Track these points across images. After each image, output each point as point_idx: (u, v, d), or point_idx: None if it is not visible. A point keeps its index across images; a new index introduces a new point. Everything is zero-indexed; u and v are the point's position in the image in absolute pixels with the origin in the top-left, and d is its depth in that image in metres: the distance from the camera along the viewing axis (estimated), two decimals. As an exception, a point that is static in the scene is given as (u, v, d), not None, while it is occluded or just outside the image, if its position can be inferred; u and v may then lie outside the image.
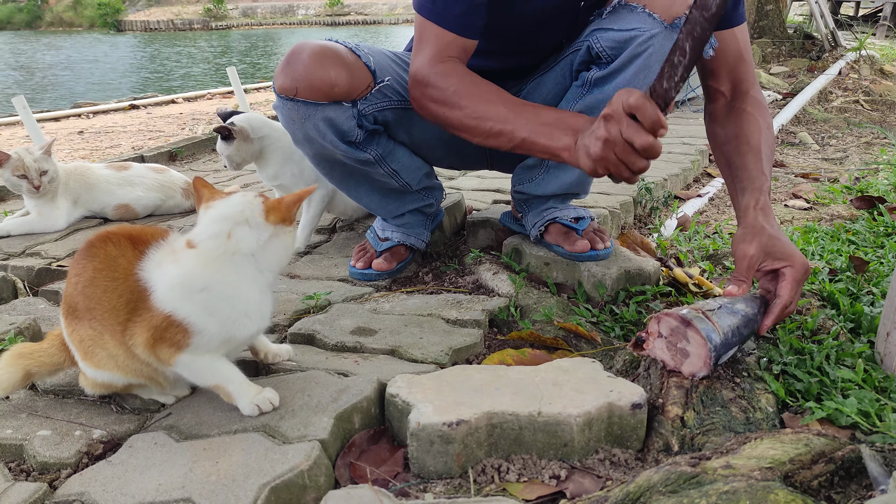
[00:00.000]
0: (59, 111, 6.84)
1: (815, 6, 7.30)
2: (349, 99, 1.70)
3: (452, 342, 1.54)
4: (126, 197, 2.75)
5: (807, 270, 1.43)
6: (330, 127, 1.71)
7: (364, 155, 1.80)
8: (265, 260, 1.24)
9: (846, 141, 4.12)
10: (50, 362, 1.33)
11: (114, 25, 41.87)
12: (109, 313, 1.21)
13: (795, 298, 1.42)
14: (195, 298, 1.18)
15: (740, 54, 1.71)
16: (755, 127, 1.64)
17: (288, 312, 1.75)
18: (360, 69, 1.71)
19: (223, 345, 1.23)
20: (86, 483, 1.11)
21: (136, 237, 1.24)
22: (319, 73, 1.65)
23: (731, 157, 1.64)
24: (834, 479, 1.04)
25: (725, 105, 1.72)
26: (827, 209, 2.62)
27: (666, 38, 1.60)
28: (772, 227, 1.47)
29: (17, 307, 1.84)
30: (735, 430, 1.19)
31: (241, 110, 2.38)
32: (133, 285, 1.20)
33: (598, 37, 1.66)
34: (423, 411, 1.16)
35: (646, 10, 1.60)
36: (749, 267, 1.44)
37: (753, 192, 1.54)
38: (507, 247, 2.00)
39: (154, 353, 1.20)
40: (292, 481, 1.07)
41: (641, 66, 1.62)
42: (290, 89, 1.67)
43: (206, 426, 1.23)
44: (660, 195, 2.75)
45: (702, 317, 1.27)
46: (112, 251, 1.22)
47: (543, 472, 1.14)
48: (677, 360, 1.29)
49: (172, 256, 1.21)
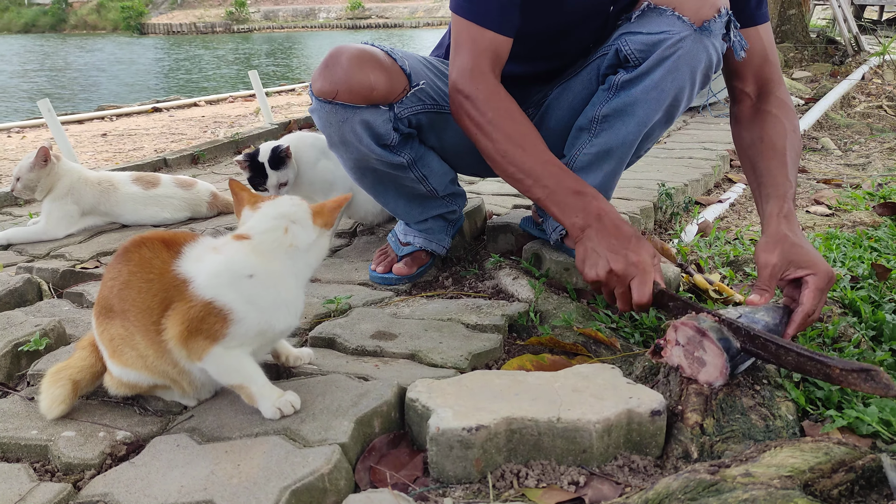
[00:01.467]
0: (83, 114, 6.91)
1: (838, 11, 7.24)
2: (386, 102, 1.72)
3: (472, 347, 1.55)
4: (153, 219, 2.74)
5: (831, 278, 1.41)
6: (367, 130, 1.72)
7: (398, 158, 1.81)
8: (306, 259, 1.30)
9: (869, 147, 4.08)
10: (86, 366, 1.35)
11: (137, 28, 42.23)
12: (143, 313, 1.24)
13: (819, 307, 1.40)
14: (241, 285, 1.22)
15: (765, 54, 1.71)
16: (780, 130, 1.64)
17: (309, 316, 1.76)
18: (397, 73, 1.73)
19: (258, 337, 1.25)
20: (109, 484, 1.13)
21: (169, 240, 1.28)
22: (359, 76, 1.67)
23: (756, 162, 1.64)
24: (854, 489, 1.04)
25: (751, 107, 1.72)
26: (849, 216, 2.60)
27: (695, 42, 1.60)
28: (795, 236, 1.46)
29: (42, 309, 1.87)
30: (755, 437, 1.19)
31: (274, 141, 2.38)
32: (168, 282, 1.23)
33: (627, 40, 1.67)
34: (442, 416, 1.17)
35: (675, 12, 1.60)
36: (771, 276, 1.43)
37: (777, 199, 1.54)
38: (527, 252, 2.00)
39: (187, 347, 1.22)
40: (313, 485, 1.08)
41: (670, 69, 1.62)
42: (330, 92, 1.68)
43: (227, 429, 1.25)
44: (680, 200, 2.75)
45: (718, 326, 1.27)
46: (146, 254, 1.25)
47: (562, 478, 1.15)
48: (694, 368, 1.29)
49: (214, 250, 1.26)
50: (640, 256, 1.44)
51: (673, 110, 1.71)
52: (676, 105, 1.70)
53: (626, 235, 1.47)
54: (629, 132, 1.72)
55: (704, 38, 1.60)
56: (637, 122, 1.70)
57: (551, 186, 1.54)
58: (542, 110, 1.93)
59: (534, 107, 1.95)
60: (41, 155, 2.61)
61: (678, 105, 1.70)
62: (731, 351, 1.24)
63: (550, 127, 1.91)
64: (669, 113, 1.72)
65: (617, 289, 1.46)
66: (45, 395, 1.31)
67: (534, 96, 1.95)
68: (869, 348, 1.48)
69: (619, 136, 1.72)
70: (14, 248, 2.52)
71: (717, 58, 1.66)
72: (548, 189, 1.54)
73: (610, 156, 1.76)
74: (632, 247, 1.45)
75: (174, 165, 3.96)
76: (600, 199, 1.52)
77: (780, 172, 1.58)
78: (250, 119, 6.20)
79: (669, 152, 3.58)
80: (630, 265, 1.43)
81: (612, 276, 1.44)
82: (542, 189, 1.55)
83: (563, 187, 1.53)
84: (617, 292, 1.46)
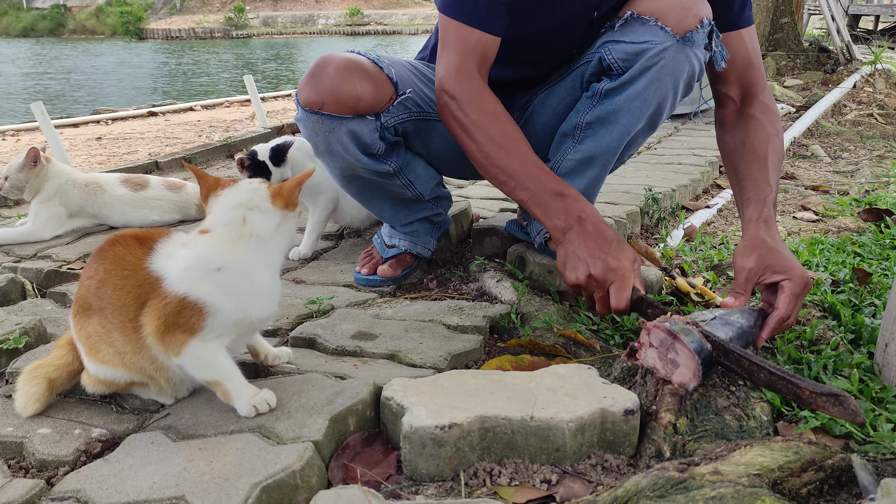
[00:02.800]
0: (78, 117, 6.91)
1: (832, 21, 7.27)
2: (373, 112, 1.72)
3: (452, 348, 1.55)
4: (141, 221, 2.72)
5: (807, 284, 1.42)
6: (353, 140, 1.72)
7: (384, 167, 1.81)
8: (274, 243, 1.30)
9: (859, 154, 4.10)
10: (62, 364, 1.35)
11: (135, 33, 42.29)
12: (120, 310, 1.24)
13: (794, 312, 1.41)
14: (212, 278, 1.22)
15: (748, 58, 1.72)
16: (763, 134, 1.65)
17: (291, 316, 1.76)
18: (383, 82, 1.72)
19: (236, 326, 1.25)
20: (82, 480, 1.13)
21: (142, 237, 1.28)
22: (346, 87, 1.66)
23: (738, 166, 1.65)
24: (823, 488, 1.04)
25: (735, 111, 1.73)
26: (835, 221, 2.61)
27: (678, 52, 1.61)
28: (773, 240, 1.47)
29: (24, 308, 1.87)
30: (728, 437, 1.19)
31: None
32: (142, 278, 1.23)
33: (610, 48, 1.67)
34: (416, 414, 1.17)
35: (658, 23, 1.61)
36: (747, 280, 1.44)
37: (758, 203, 1.55)
38: (512, 254, 2.01)
39: (164, 342, 1.22)
40: (284, 481, 1.09)
41: (653, 79, 1.63)
42: (316, 103, 1.68)
43: (202, 426, 1.25)
44: (667, 205, 2.76)
45: (689, 329, 1.27)
46: (120, 251, 1.26)
47: (535, 477, 1.15)
48: (668, 369, 1.29)
49: (184, 245, 1.26)
50: (619, 262, 1.44)
51: (656, 119, 1.73)
52: (659, 114, 1.71)
53: (608, 239, 1.48)
54: (612, 140, 1.73)
55: (687, 48, 1.61)
56: (620, 131, 1.71)
57: (533, 188, 1.54)
58: (527, 115, 1.94)
59: (519, 111, 1.96)
60: (31, 156, 2.60)
61: (661, 114, 1.72)
62: (702, 353, 1.24)
63: (535, 131, 1.91)
64: (652, 121, 1.73)
65: (596, 293, 1.47)
66: (20, 392, 1.31)
67: (519, 101, 1.96)
68: (847, 351, 1.48)
69: (602, 144, 1.73)
70: (1, 249, 2.51)
71: (699, 67, 1.67)
72: (530, 191, 1.55)
73: (593, 162, 1.77)
74: (612, 251, 1.46)
75: (166, 168, 3.96)
76: (582, 202, 1.53)
77: (762, 177, 1.59)
78: (245, 123, 6.20)
79: (659, 158, 3.59)
80: (609, 270, 1.44)
81: (591, 280, 1.45)
82: (525, 191, 1.55)
83: (546, 189, 1.54)
84: (596, 296, 1.48)
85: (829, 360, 1.41)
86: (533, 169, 1.56)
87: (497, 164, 1.57)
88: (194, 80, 17.10)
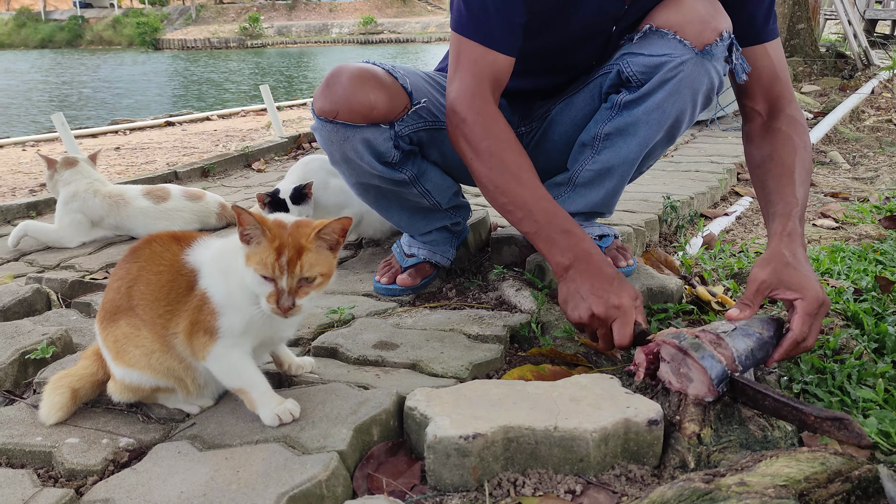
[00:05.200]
0: (97, 128, 6.98)
1: (848, 26, 7.24)
2: (387, 121, 1.73)
3: (473, 357, 1.55)
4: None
5: (822, 305, 1.37)
6: (368, 148, 1.73)
7: (399, 175, 1.82)
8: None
9: (878, 160, 4.07)
10: (87, 374, 1.37)
11: (152, 44, 42.67)
12: (152, 304, 1.26)
13: (812, 334, 1.36)
14: (223, 277, 1.24)
15: (774, 72, 1.70)
16: (790, 148, 1.63)
17: (312, 326, 1.77)
18: (397, 91, 1.73)
19: (246, 333, 1.26)
20: (111, 490, 1.14)
21: (179, 236, 1.31)
22: (359, 96, 1.67)
23: (766, 180, 1.62)
24: (850, 499, 1.04)
25: (762, 125, 1.71)
26: (855, 229, 2.59)
27: (696, 65, 1.61)
28: (792, 256, 1.44)
29: (50, 318, 1.89)
30: (752, 448, 1.19)
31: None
32: (178, 271, 1.26)
33: (629, 61, 1.68)
34: (440, 424, 1.18)
35: (676, 36, 1.61)
36: (757, 291, 1.41)
37: (782, 217, 1.52)
38: (531, 263, 2.01)
39: (192, 344, 1.24)
40: (310, 491, 1.09)
41: (671, 91, 1.64)
42: (331, 112, 1.69)
43: (228, 436, 1.26)
44: (686, 213, 2.75)
45: (699, 343, 1.27)
46: (157, 248, 1.29)
47: (559, 487, 1.15)
48: (683, 383, 1.29)
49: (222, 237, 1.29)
50: (621, 299, 1.43)
51: (674, 131, 1.73)
52: (678, 126, 1.71)
53: (609, 277, 1.47)
54: (630, 151, 1.73)
55: (706, 61, 1.61)
56: (639, 142, 1.71)
57: (542, 222, 1.53)
58: (546, 124, 1.94)
59: (538, 120, 1.96)
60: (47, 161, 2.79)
61: (679, 126, 1.72)
62: (714, 370, 1.24)
63: (554, 140, 1.92)
64: (671, 133, 1.73)
65: (599, 330, 1.46)
66: (45, 401, 1.34)
67: (537, 110, 1.97)
68: (871, 360, 1.48)
69: (620, 155, 1.74)
70: (25, 260, 2.55)
71: (718, 80, 1.67)
72: (538, 224, 1.54)
73: (612, 173, 1.77)
74: (614, 289, 1.45)
75: (185, 178, 3.99)
76: (587, 241, 1.52)
77: (788, 190, 1.56)
78: (262, 133, 6.24)
79: (676, 165, 3.59)
80: (611, 308, 1.43)
81: (594, 318, 1.45)
82: (533, 223, 1.54)
83: (554, 225, 1.53)
84: (599, 333, 1.47)
85: (853, 370, 1.40)
86: (543, 202, 1.55)
87: (507, 192, 1.56)
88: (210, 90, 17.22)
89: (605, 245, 1.89)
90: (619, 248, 1.92)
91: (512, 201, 1.56)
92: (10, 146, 6.08)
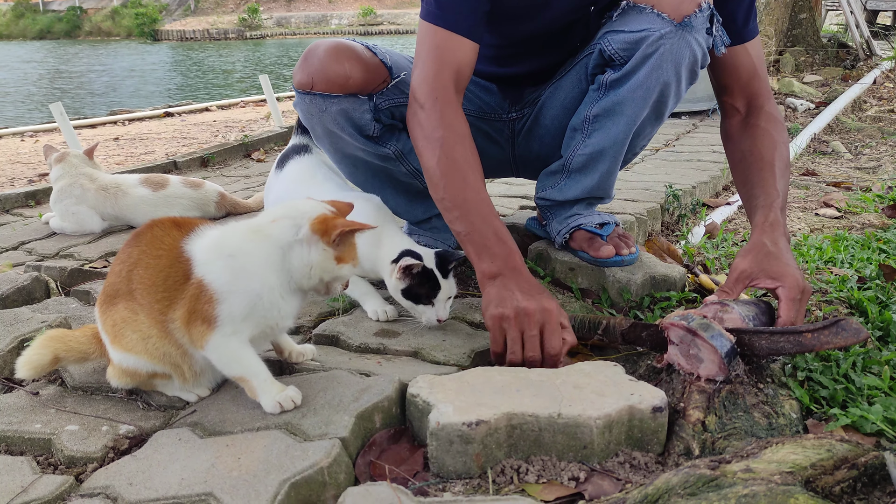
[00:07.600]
0: (95, 118, 6.96)
1: (850, 16, 7.21)
2: (365, 92, 1.74)
3: (475, 345, 1.55)
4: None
5: (803, 291, 1.41)
6: (347, 120, 1.74)
7: (383, 150, 1.82)
8: (291, 261, 1.27)
9: (880, 150, 4.06)
10: (79, 349, 1.38)
11: (150, 35, 42.48)
12: (150, 289, 1.25)
13: (799, 319, 1.40)
14: (223, 264, 1.23)
15: (754, 70, 1.72)
16: (769, 143, 1.67)
17: (313, 314, 1.76)
18: (375, 64, 1.75)
19: (246, 323, 1.25)
20: (111, 477, 1.13)
21: (181, 222, 1.30)
22: (335, 66, 1.69)
23: (747, 175, 1.67)
24: (856, 486, 1.03)
25: (741, 122, 1.74)
26: (858, 218, 2.58)
27: (676, 38, 1.60)
28: (773, 245, 1.47)
29: (48, 306, 1.88)
30: (757, 435, 1.18)
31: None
32: (175, 258, 1.25)
33: (610, 39, 1.68)
34: (443, 411, 1.17)
35: (654, 10, 1.62)
36: (738, 280, 1.46)
37: (764, 209, 1.57)
38: (533, 252, 2.00)
39: (190, 333, 1.24)
40: (312, 478, 1.09)
41: (654, 66, 1.63)
42: (307, 83, 1.71)
43: (229, 423, 1.25)
44: (688, 202, 2.74)
45: (708, 323, 1.27)
46: (158, 232, 1.29)
47: (562, 474, 1.14)
48: (693, 364, 1.29)
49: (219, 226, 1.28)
50: (552, 305, 1.41)
51: (661, 107, 1.72)
52: (663, 101, 1.70)
53: (539, 286, 1.47)
54: (619, 131, 1.73)
55: (686, 33, 1.60)
56: (626, 121, 1.71)
57: (477, 225, 1.50)
58: (537, 109, 1.93)
59: (529, 105, 1.96)
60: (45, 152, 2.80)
61: (665, 101, 1.71)
62: (724, 348, 1.24)
63: (546, 125, 1.92)
64: (657, 109, 1.72)
65: (527, 331, 1.40)
66: (25, 354, 1.36)
67: (528, 96, 1.96)
68: (875, 348, 1.47)
69: (610, 136, 1.73)
70: (24, 248, 2.53)
71: (701, 53, 1.65)
72: (473, 226, 1.50)
73: (604, 156, 1.77)
74: (545, 295, 1.44)
75: (184, 168, 3.98)
76: (520, 257, 1.50)
77: (769, 183, 1.61)
78: (261, 123, 6.22)
79: (678, 155, 3.57)
80: (543, 309, 1.40)
81: (522, 314, 1.39)
82: (467, 224, 1.51)
83: (490, 229, 1.50)
84: (527, 335, 1.40)
85: (857, 358, 1.40)
86: (483, 206, 1.52)
87: (448, 189, 1.53)
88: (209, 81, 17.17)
89: (606, 233, 1.88)
90: (622, 235, 1.91)
91: (451, 198, 1.53)
92: (9, 136, 6.05)
